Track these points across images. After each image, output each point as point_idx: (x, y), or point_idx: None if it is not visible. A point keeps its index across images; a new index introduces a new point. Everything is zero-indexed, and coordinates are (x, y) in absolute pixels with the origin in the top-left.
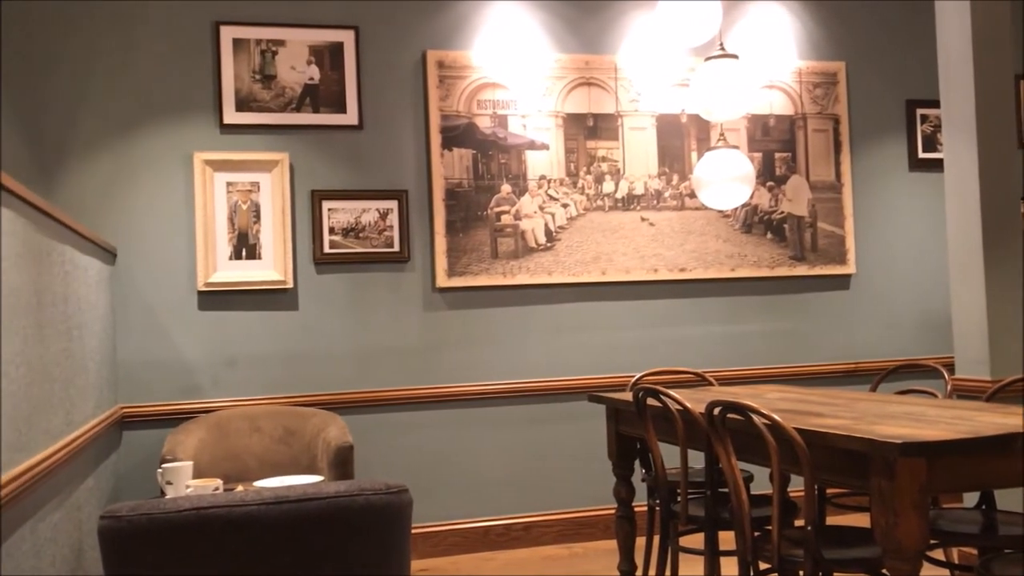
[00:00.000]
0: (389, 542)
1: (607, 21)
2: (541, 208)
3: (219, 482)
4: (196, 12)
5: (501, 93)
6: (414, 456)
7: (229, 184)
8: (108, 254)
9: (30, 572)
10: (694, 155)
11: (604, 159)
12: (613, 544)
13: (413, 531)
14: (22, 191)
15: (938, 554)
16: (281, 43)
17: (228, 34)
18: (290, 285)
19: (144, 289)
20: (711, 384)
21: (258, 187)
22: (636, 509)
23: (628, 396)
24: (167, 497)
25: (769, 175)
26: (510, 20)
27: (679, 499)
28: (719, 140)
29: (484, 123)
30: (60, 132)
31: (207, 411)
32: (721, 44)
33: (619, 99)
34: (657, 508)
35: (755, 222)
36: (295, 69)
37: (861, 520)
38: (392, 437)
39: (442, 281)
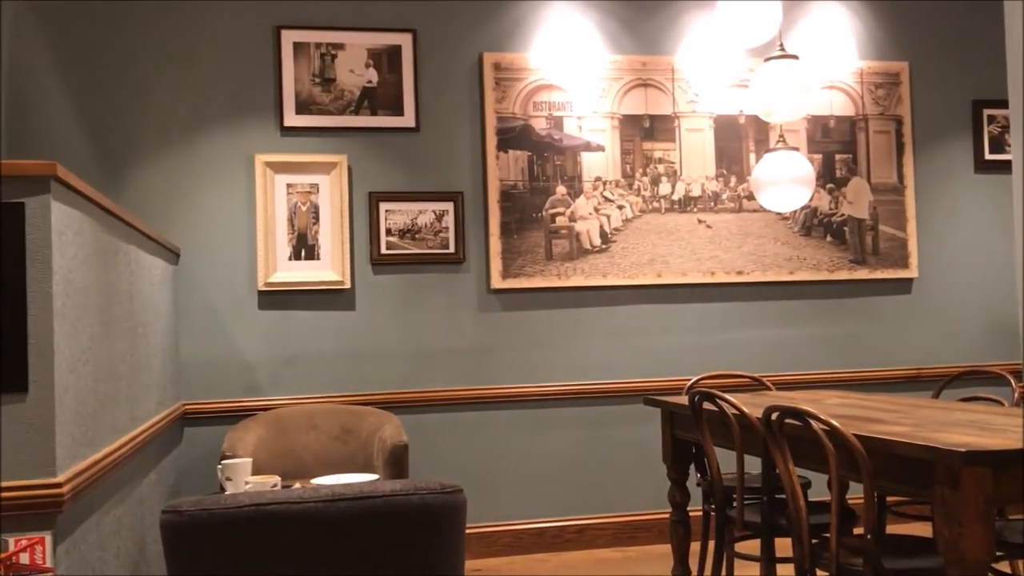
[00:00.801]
0: (444, 542)
1: (664, 22)
2: (596, 210)
3: (277, 479)
4: (258, 16)
5: (557, 95)
6: (468, 457)
7: (289, 186)
8: (172, 254)
9: (95, 564)
10: (752, 156)
11: (661, 160)
12: (667, 548)
13: (467, 531)
14: (92, 193)
15: (1004, 566)
16: (340, 47)
17: (289, 38)
18: (347, 285)
19: (206, 289)
20: (768, 388)
21: (317, 189)
22: (691, 514)
23: (684, 400)
24: (227, 493)
25: (829, 177)
26: (567, 22)
27: (735, 504)
28: (778, 141)
29: (540, 125)
30: (127, 135)
31: (266, 409)
32: (781, 44)
33: (676, 100)
34: (713, 513)
35: (814, 225)
36: (354, 72)
37: (923, 530)
38: (446, 437)
39: (497, 282)
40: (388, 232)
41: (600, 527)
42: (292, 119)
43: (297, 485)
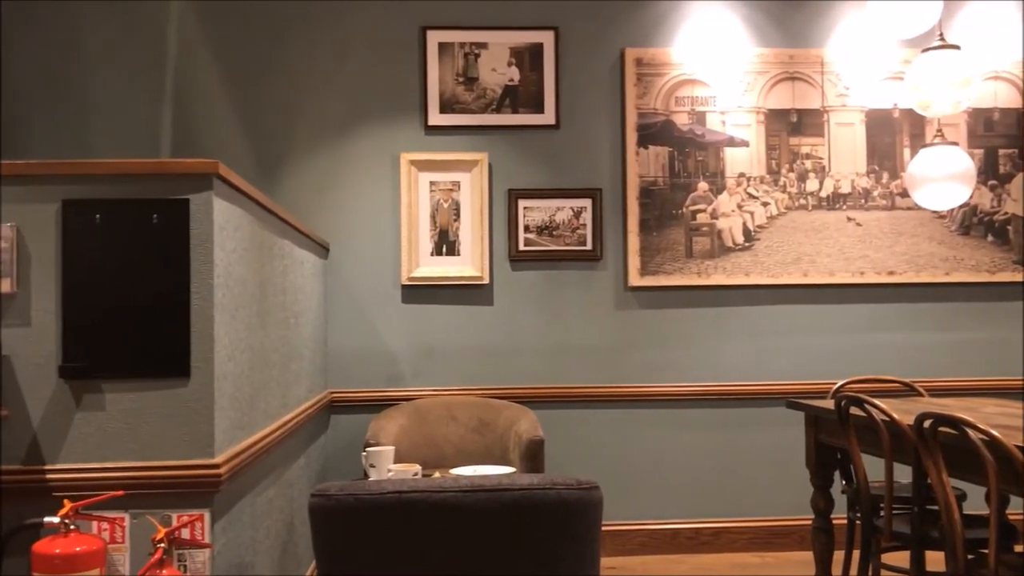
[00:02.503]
0: (579, 537)
1: (813, 13)
2: (739, 207)
3: (418, 467)
4: (404, 17)
5: (700, 90)
6: (603, 454)
7: (432, 183)
8: (322, 248)
9: (248, 542)
10: (907, 152)
11: (808, 156)
12: (808, 556)
13: (602, 528)
14: (249, 189)
15: None
16: (484, 46)
17: (434, 38)
18: (486, 281)
19: (353, 282)
20: (920, 394)
21: (458, 186)
22: (834, 522)
23: (829, 404)
24: (371, 479)
25: (991, 173)
26: (711, 15)
27: (882, 514)
28: (936, 136)
29: (682, 120)
30: (281, 135)
31: (407, 399)
32: (940, 34)
33: (825, 94)
34: (858, 522)
35: (974, 223)
36: (496, 71)
37: None
38: (581, 434)
39: (634, 280)
40: (526, 229)
41: (737, 530)
42: (436, 118)
43: (437, 474)
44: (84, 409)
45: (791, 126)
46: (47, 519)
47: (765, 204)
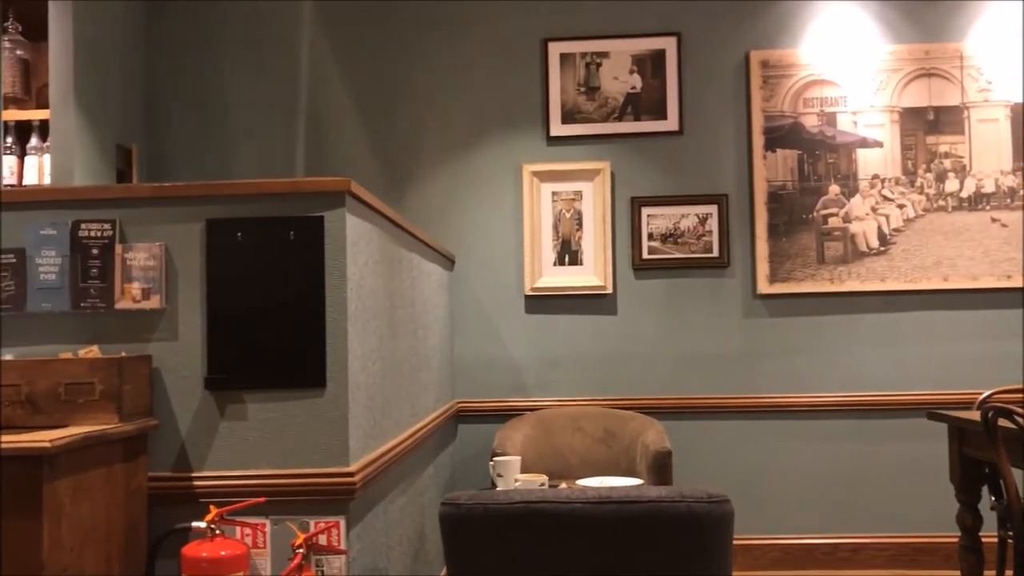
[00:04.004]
0: (709, 552)
1: (951, 6)
2: (874, 209)
3: (545, 478)
4: (525, 31)
5: (829, 90)
6: (733, 466)
7: (554, 193)
8: (448, 260)
9: (382, 548)
10: None
11: (947, 155)
12: (954, 575)
13: (733, 542)
14: (379, 205)
15: None
16: (605, 55)
17: (555, 50)
18: (609, 290)
19: (477, 293)
20: None
21: (581, 196)
22: (983, 540)
23: (975, 415)
24: (498, 489)
25: None
26: (839, 14)
27: None
28: None
29: (810, 122)
30: (407, 149)
31: (532, 409)
32: None
33: (965, 89)
34: (1009, 540)
35: None
36: (618, 79)
37: None
38: (710, 445)
39: (763, 287)
40: (650, 237)
41: (877, 547)
42: (558, 128)
43: (563, 485)
44: (228, 419)
45: (928, 124)
46: (194, 524)
47: (901, 206)
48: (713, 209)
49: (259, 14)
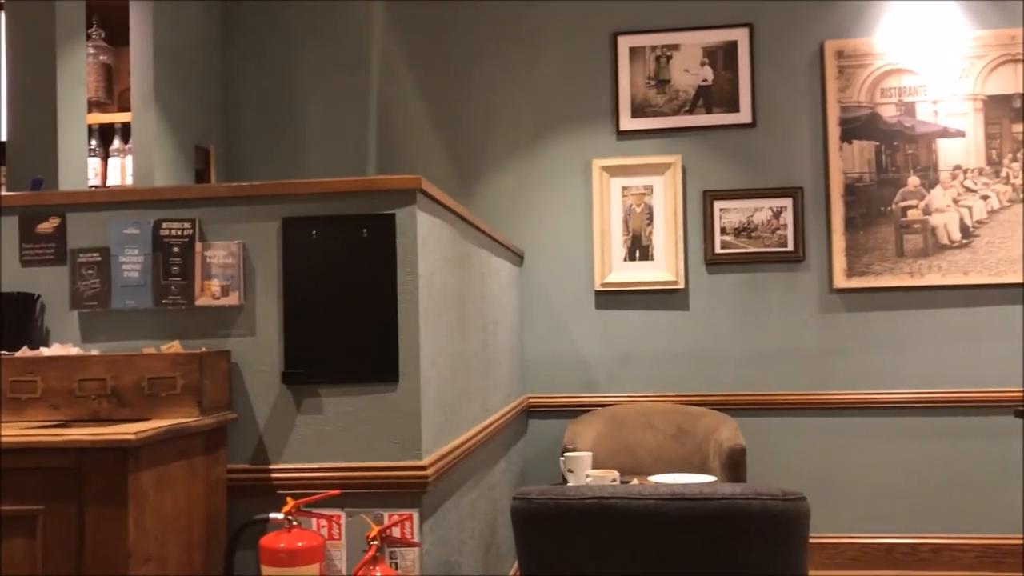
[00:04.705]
0: (784, 550)
1: None
2: (955, 201)
3: (616, 474)
4: (595, 25)
5: (908, 79)
6: (808, 463)
7: (624, 188)
8: (517, 257)
9: (454, 542)
10: None
11: None
12: None
13: (809, 541)
14: (449, 202)
15: None
16: (675, 47)
17: (625, 43)
18: (681, 285)
19: (547, 289)
20: None
21: (651, 190)
22: None
23: None
24: (569, 484)
25: None
26: (918, 1)
27: None
28: None
29: (888, 112)
30: (476, 146)
31: (603, 405)
32: None
33: None
34: None
35: None
36: (688, 72)
37: None
38: (784, 442)
39: (840, 281)
40: (722, 231)
41: (960, 548)
42: (627, 123)
43: (635, 481)
44: (304, 413)
45: (1014, 112)
46: (272, 515)
47: (985, 197)
48: (788, 202)
49: (331, 16)
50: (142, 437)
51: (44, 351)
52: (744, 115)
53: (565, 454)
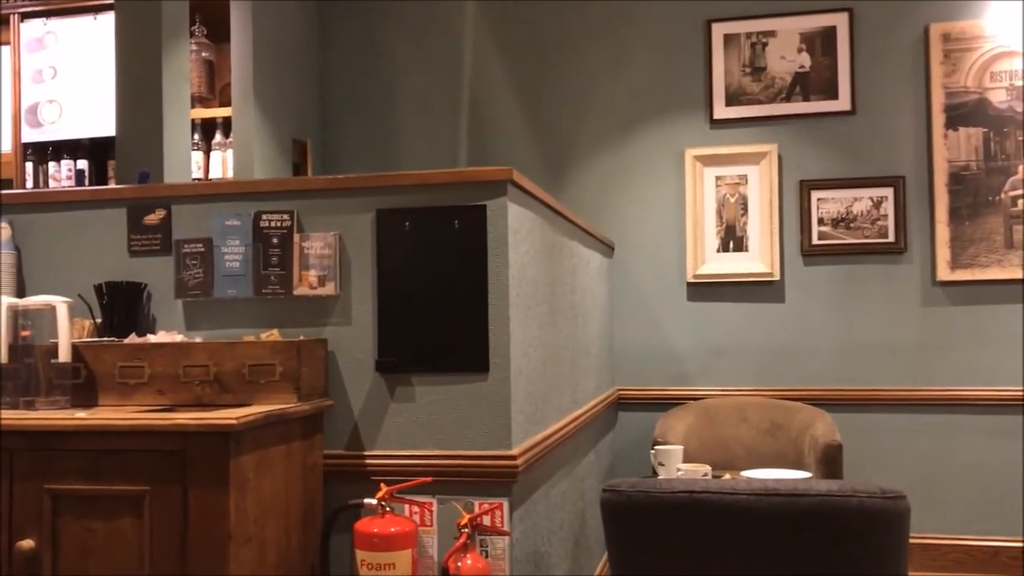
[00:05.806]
0: (882, 549)
1: None
2: None
3: (708, 468)
4: (687, 13)
5: (1020, 62)
6: (908, 461)
7: (718, 178)
8: (607, 247)
9: (543, 532)
10: None
11: None
12: None
13: (909, 541)
14: (539, 193)
15: None
16: (771, 34)
17: (719, 31)
18: (776, 277)
19: (638, 280)
20: None
21: (746, 180)
22: None
23: None
24: (660, 477)
25: None
26: None
27: None
28: None
29: (998, 97)
30: (567, 136)
31: (694, 398)
32: None
33: None
34: None
35: None
36: (785, 58)
37: None
38: (883, 439)
39: (944, 274)
40: (820, 221)
41: None
42: (721, 111)
43: (727, 476)
44: (397, 400)
45: None
46: (366, 500)
47: None
48: (888, 192)
49: (424, 13)
50: (243, 422)
51: (151, 338)
52: (843, 102)
53: (656, 447)
